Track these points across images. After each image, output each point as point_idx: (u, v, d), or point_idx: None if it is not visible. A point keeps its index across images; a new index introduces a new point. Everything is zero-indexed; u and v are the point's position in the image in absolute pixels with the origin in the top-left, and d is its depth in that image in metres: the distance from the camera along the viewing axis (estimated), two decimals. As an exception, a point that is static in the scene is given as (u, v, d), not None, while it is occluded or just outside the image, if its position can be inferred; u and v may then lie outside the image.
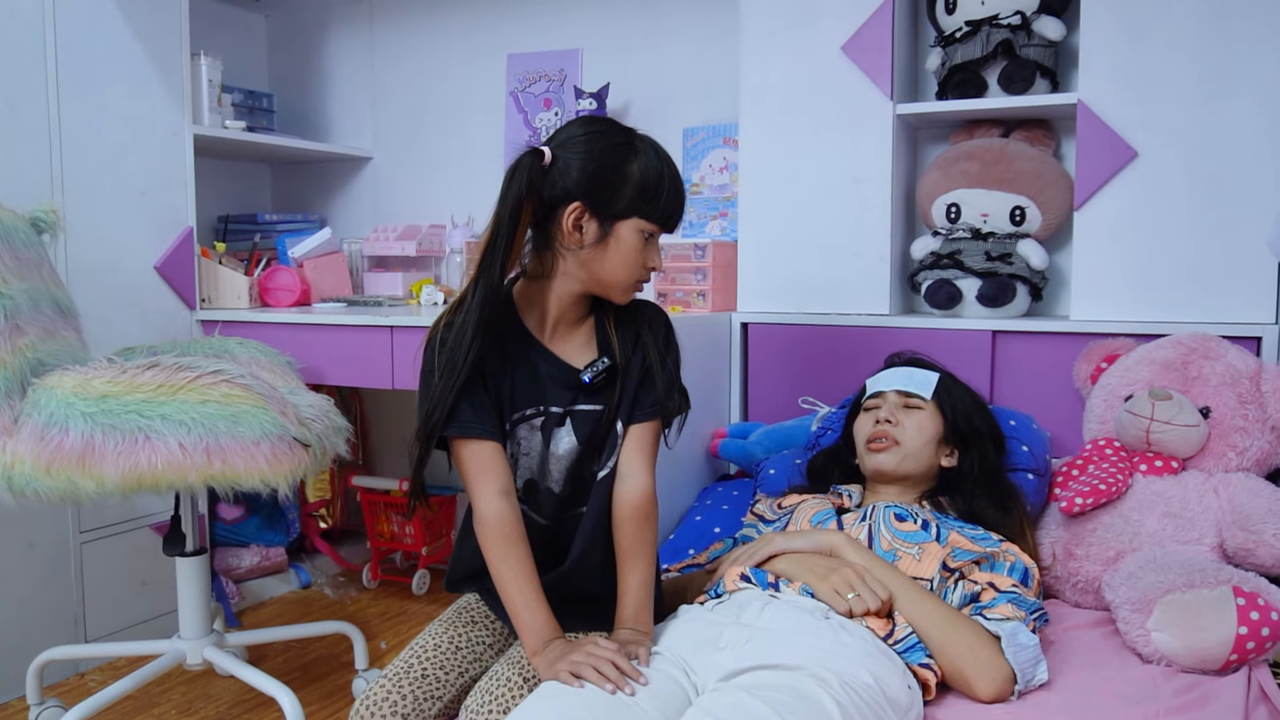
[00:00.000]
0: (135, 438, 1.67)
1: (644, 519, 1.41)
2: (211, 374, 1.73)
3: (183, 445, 1.68)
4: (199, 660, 2.06)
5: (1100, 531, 1.71)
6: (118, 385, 1.71)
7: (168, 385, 1.71)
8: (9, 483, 1.69)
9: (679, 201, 1.40)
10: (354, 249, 3.09)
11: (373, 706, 1.33)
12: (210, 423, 1.70)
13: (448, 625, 1.48)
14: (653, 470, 1.45)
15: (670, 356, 1.47)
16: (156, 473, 1.68)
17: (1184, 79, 1.97)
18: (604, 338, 1.45)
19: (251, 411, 1.73)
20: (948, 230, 2.26)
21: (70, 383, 1.71)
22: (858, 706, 1.18)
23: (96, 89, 2.41)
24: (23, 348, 1.73)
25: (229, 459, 1.71)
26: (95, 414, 1.68)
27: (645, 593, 1.38)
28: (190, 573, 2.06)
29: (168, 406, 1.70)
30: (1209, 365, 1.80)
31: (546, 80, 2.92)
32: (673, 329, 1.50)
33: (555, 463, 1.45)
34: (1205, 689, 1.38)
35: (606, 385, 1.43)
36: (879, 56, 2.24)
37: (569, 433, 1.44)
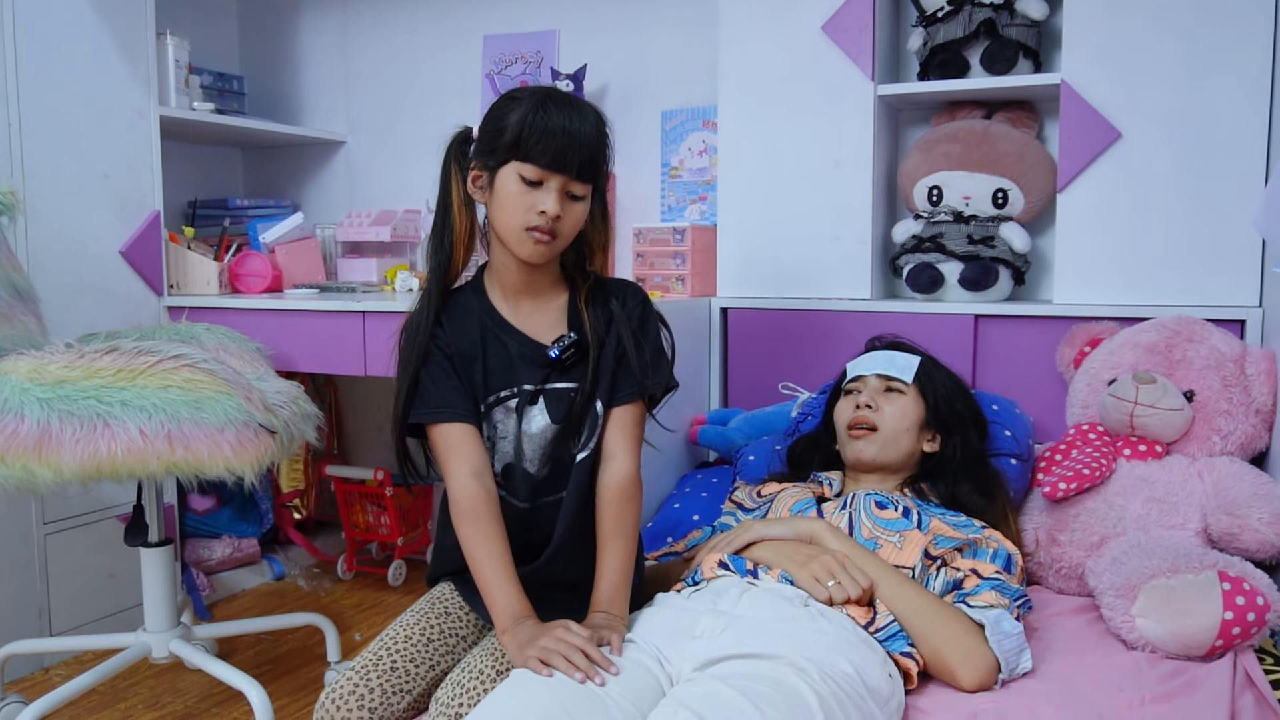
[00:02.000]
0: (94, 424, 1.61)
1: (625, 501, 1.39)
2: (173, 359, 1.68)
3: (143, 432, 1.62)
4: (165, 654, 2.00)
5: (1084, 517, 1.69)
6: (75, 370, 1.65)
7: (127, 370, 1.65)
8: None
9: (554, 138, 1.30)
10: (327, 234, 3.03)
11: (339, 700, 1.29)
12: (172, 409, 1.64)
13: (420, 616, 1.44)
14: (636, 453, 1.43)
15: (648, 337, 1.45)
16: (116, 460, 1.62)
17: (1168, 59, 1.95)
18: (574, 314, 1.43)
19: (215, 397, 1.67)
20: (929, 213, 2.23)
21: (25, 368, 1.65)
22: (837, 696, 1.15)
23: (57, 68, 2.34)
24: None
25: (192, 446, 1.65)
26: (51, 400, 1.62)
27: (622, 576, 1.36)
28: (155, 564, 2.00)
29: (127, 392, 1.64)
30: (1193, 349, 1.77)
31: (523, 62, 2.87)
32: (651, 307, 1.47)
33: (529, 442, 1.42)
34: (1191, 675, 1.36)
35: (580, 363, 1.40)
36: (860, 36, 2.20)
37: (541, 411, 1.41)
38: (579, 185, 1.35)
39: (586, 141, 1.33)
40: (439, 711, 1.24)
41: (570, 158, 1.32)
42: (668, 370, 1.46)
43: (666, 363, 1.46)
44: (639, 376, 1.42)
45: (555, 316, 1.44)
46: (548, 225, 1.33)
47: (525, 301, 1.44)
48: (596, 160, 1.36)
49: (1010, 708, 1.26)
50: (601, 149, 1.37)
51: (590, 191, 1.38)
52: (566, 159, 1.31)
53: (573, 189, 1.34)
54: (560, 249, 1.39)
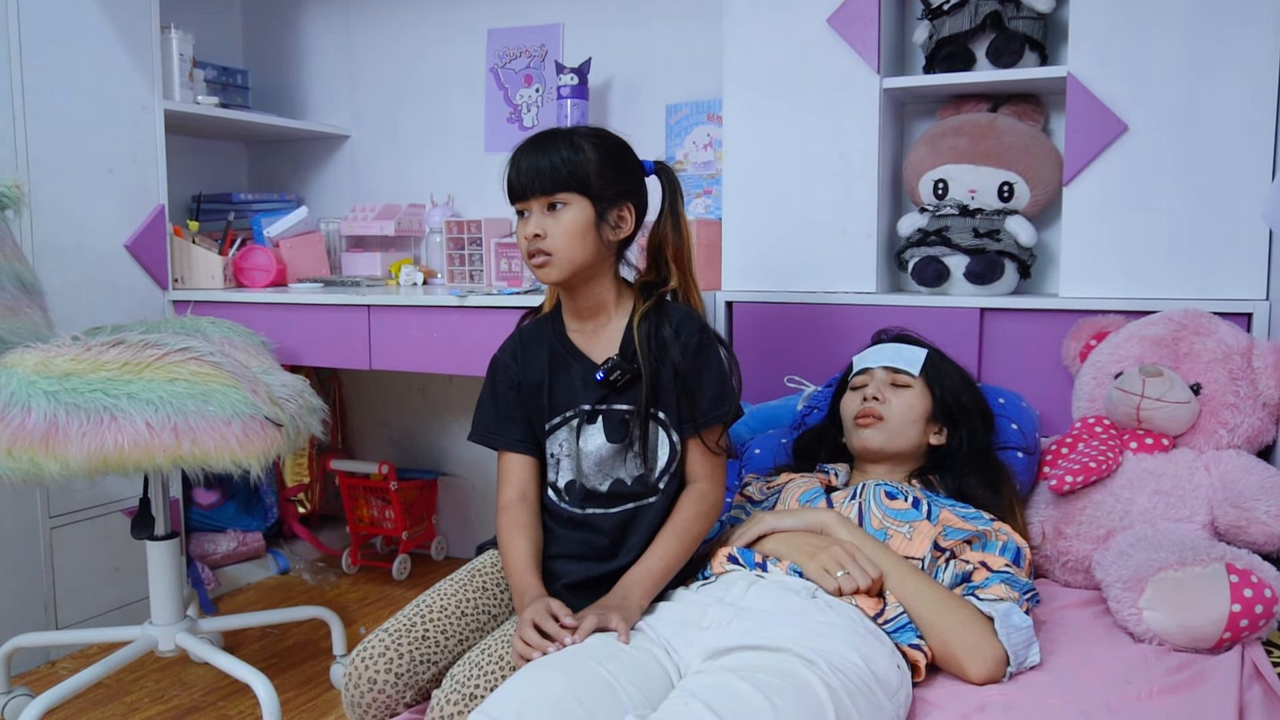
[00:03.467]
0: (100, 417, 1.62)
1: (698, 518, 1.43)
2: (179, 351, 1.69)
3: (150, 425, 1.63)
4: (171, 647, 2.01)
5: (1090, 510, 1.69)
6: (81, 363, 1.65)
7: (134, 363, 1.66)
8: None
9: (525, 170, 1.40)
10: (331, 228, 3.04)
11: (369, 660, 1.32)
12: (179, 401, 1.65)
13: (459, 587, 1.47)
14: (718, 479, 1.47)
15: (709, 368, 1.45)
16: (123, 453, 1.63)
17: (1175, 51, 1.94)
18: (628, 336, 1.45)
19: (222, 390, 1.68)
20: (935, 207, 2.22)
21: (31, 361, 1.65)
22: (846, 688, 1.15)
23: (62, 62, 2.34)
24: None
25: (198, 439, 1.66)
26: (58, 393, 1.62)
27: (660, 570, 1.38)
28: (161, 557, 2.01)
29: (134, 385, 1.64)
30: (1200, 341, 1.77)
31: (527, 56, 2.87)
32: (710, 335, 1.47)
33: (585, 459, 1.45)
34: (1198, 668, 1.35)
35: (634, 384, 1.43)
36: (865, 30, 2.19)
37: (599, 430, 1.44)
38: (559, 195, 1.39)
39: (560, 160, 1.39)
40: (453, 688, 1.24)
41: (540, 179, 1.39)
42: (732, 398, 1.47)
43: (730, 391, 1.47)
44: (702, 410, 1.43)
45: (613, 337, 1.47)
46: (534, 248, 1.40)
47: (588, 324, 1.49)
48: (572, 169, 1.39)
49: (1018, 699, 1.26)
50: (580, 158, 1.40)
51: (578, 198, 1.40)
52: (536, 181, 1.39)
53: (553, 200, 1.40)
54: (569, 264, 1.40)
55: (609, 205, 1.43)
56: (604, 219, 1.42)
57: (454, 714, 1.21)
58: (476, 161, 2.96)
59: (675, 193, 1.51)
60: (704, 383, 1.44)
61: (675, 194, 1.51)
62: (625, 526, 1.44)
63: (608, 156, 1.43)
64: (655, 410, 1.43)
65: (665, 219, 1.51)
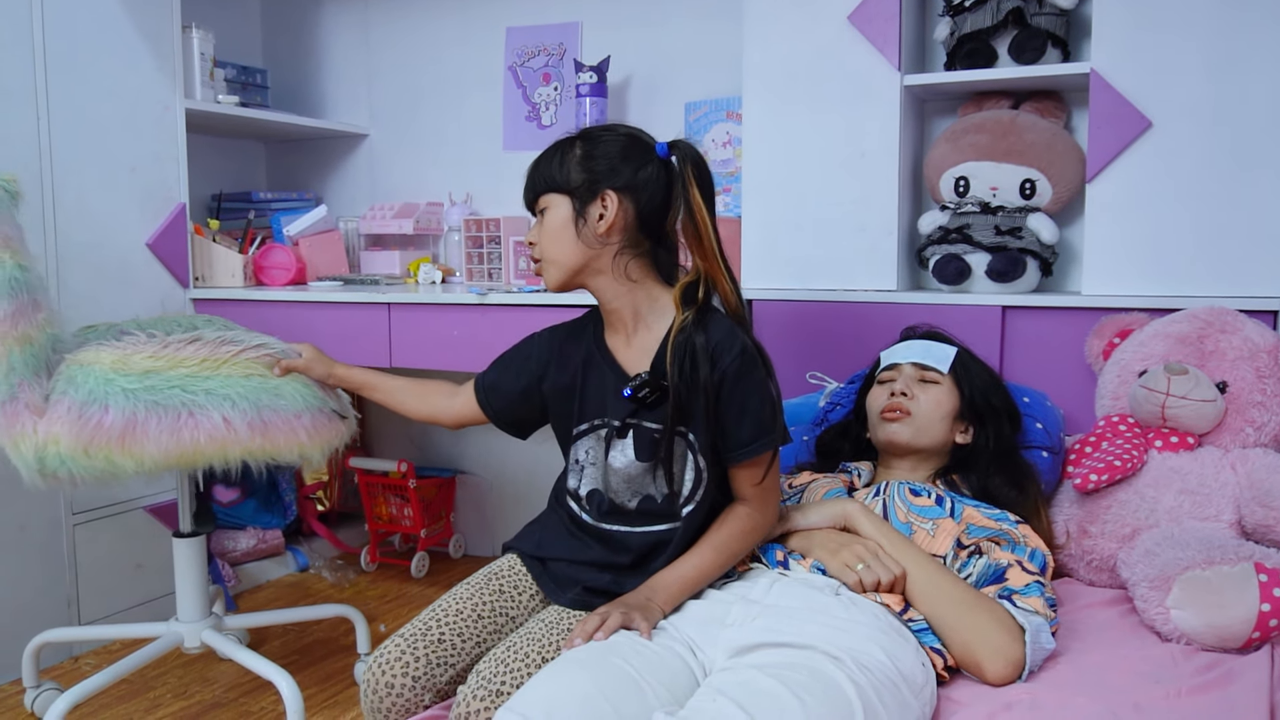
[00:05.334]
0: (179, 414, 1.64)
1: (739, 534, 1.40)
2: (255, 348, 1.71)
3: (227, 420, 1.65)
4: (197, 643, 2.01)
5: (1115, 509, 1.68)
6: (160, 360, 1.66)
7: (212, 359, 1.68)
8: (41, 464, 1.63)
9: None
10: (350, 227, 3.05)
11: (385, 665, 1.32)
12: (254, 396, 1.68)
13: (475, 590, 1.44)
14: (769, 501, 1.43)
15: (750, 396, 1.36)
16: (199, 448, 1.65)
17: (1199, 47, 1.92)
18: (662, 350, 1.38)
19: (293, 385, 1.72)
20: (956, 204, 2.21)
21: (109, 358, 1.65)
22: (873, 685, 1.15)
23: (85, 62, 2.36)
24: (43, 323, 1.66)
25: (270, 432, 1.69)
26: (138, 391, 1.63)
27: (693, 576, 1.36)
28: (187, 554, 2.01)
29: (212, 381, 1.66)
30: (1225, 339, 1.76)
31: (546, 54, 2.87)
32: (750, 360, 1.37)
33: (614, 476, 1.43)
34: (1227, 667, 1.34)
35: (663, 402, 1.37)
36: (886, 26, 2.19)
37: (629, 446, 1.41)
38: (541, 201, 1.41)
39: (540, 163, 1.42)
40: (479, 684, 1.24)
41: (527, 189, 1.44)
42: (777, 426, 1.40)
43: (774, 417, 1.39)
44: (744, 439, 1.37)
45: (649, 349, 1.40)
46: (532, 254, 1.44)
47: (622, 331, 1.44)
48: (548, 173, 1.40)
49: (1045, 698, 1.25)
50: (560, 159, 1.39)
51: (557, 198, 1.39)
52: (526, 192, 1.44)
53: (539, 206, 1.42)
54: (558, 270, 1.41)
55: (588, 197, 1.37)
56: (583, 212, 1.37)
57: (480, 710, 1.21)
58: (495, 160, 2.96)
59: (688, 172, 1.38)
60: (746, 410, 1.36)
61: (688, 174, 1.38)
62: (647, 551, 1.42)
63: (589, 147, 1.39)
64: (684, 431, 1.38)
65: (678, 205, 1.39)
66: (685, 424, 1.37)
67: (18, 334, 1.61)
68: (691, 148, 1.41)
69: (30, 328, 1.63)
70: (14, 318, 1.60)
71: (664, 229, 1.41)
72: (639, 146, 1.40)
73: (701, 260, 1.40)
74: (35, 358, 1.64)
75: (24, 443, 1.62)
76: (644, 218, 1.39)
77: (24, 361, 1.62)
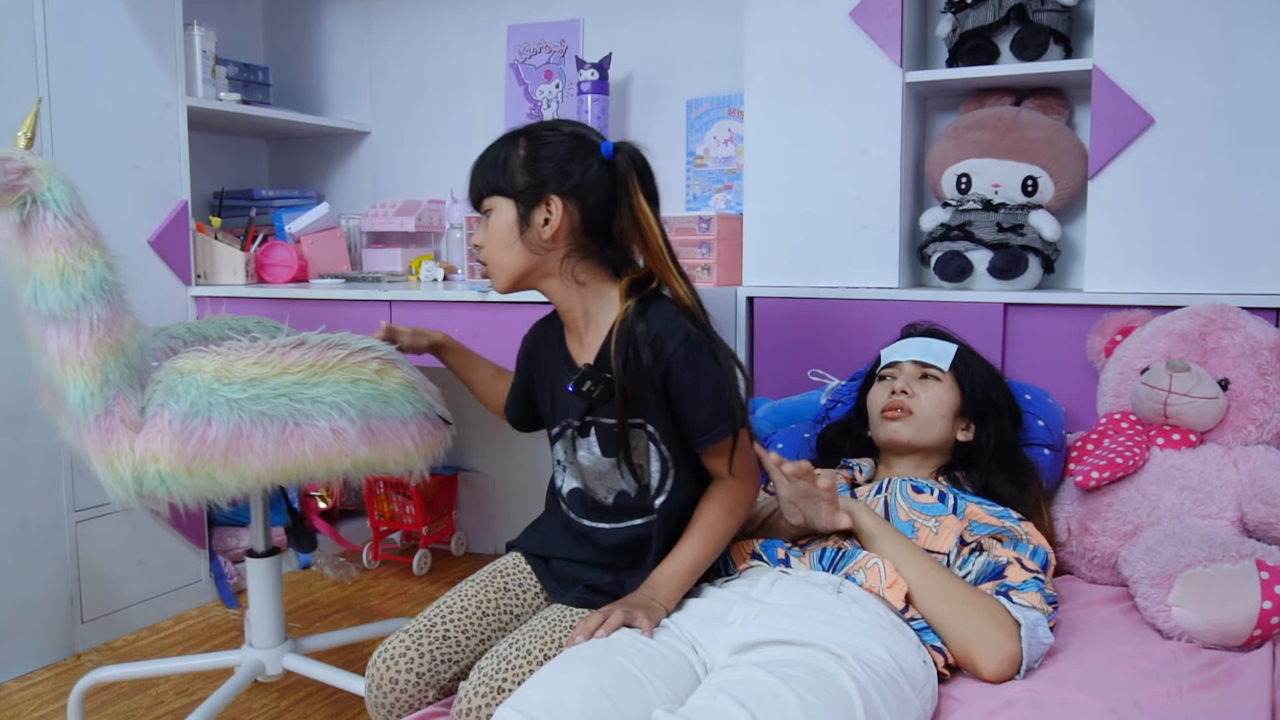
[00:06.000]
0: (285, 424, 1.48)
1: (724, 513, 1.39)
2: (362, 350, 1.56)
3: (335, 430, 1.49)
4: (279, 670, 1.88)
5: (1117, 506, 1.67)
6: (265, 367, 1.50)
7: (319, 365, 1.51)
8: (139, 484, 1.48)
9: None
10: (352, 225, 3.05)
11: (389, 660, 1.32)
12: (362, 404, 1.53)
13: (479, 587, 1.45)
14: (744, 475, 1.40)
15: (701, 384, 1.33)
16: (305, 461, 1.50)
17: (1203, 43, 1.92)
18: (606, 344, 1.36)
19: (401, 390, 1.58)
20: (958, 201, 2.21)
21: (212, 367, 1.49)
22: (874, 682, 1.15)
23: (86, 59, 2.36)
24: (132, 329, 1.51)
25: (378, 442, 1.54)
26: (242, 401, 1.47)
27: (688, 568, 1.36)
28: (262, 575, 1.86)
29: (320, 388, 1.50)
30: (1228, 336, 1.75)
31: (547, 52, 2.87)
32: (696, 350, 1.33)
33: (587, 474, 1.44)
34: (1229, 665, 1.34)
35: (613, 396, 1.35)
36: (888, 23, 2.18)
37: (593, 443, 1.41)
38: (485, 203, 1.39)
39: (483, 163, 1.39)
40: (481, 680, 1.24)
41: (470, 189, 1.41)
42: (735, 409, 1.35)
43: (730, 401, 1.35)
44: (703, 426, 1.35)
45: (597, 347, 1.39)
46: (478, 257, 1.41)
47: (576, 331, 1.43)
48: (491, 172, 1.37)
49: (1046, 696, 1.25)
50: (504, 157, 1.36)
51: (500, 201, 1.36)
52: (469, 191, 1.41)
53: (483, 208, 1.39)
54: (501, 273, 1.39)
55: (532, 200, 1.34)
56: (528, 216, 1.35)
57: (481, 705, 1.21)
58: (496, 157, 2.96)
59: (631, 177, 1.36)
60: (698, 398, 1.33)
61: (630, 178, 1.36)
62: (632, 547, 1.42)
63: (533, 149, 1.35)
64: (640, 423, 1.37)
65: (621, 208, 1.37)
66: (640, 415, 1.36)
67: (112, 341, 1.46)
68: (636, 150, 1.38)
69: (123, 334, 1.48)
70: (109, 323, 1.45)
71: (610, 230, 1.39)
72: (584, 147, 1.37)
73: (651, 262, 1.38)
74: (129, 367, 1.49)
75: (120, 461, 1.46)
76: (589, 221, 1.37)
77: (119, 372, 1.47)
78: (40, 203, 1.45)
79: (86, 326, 1.43)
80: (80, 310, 1.43)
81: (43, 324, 1.45)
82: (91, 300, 1.44)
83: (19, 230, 1.45)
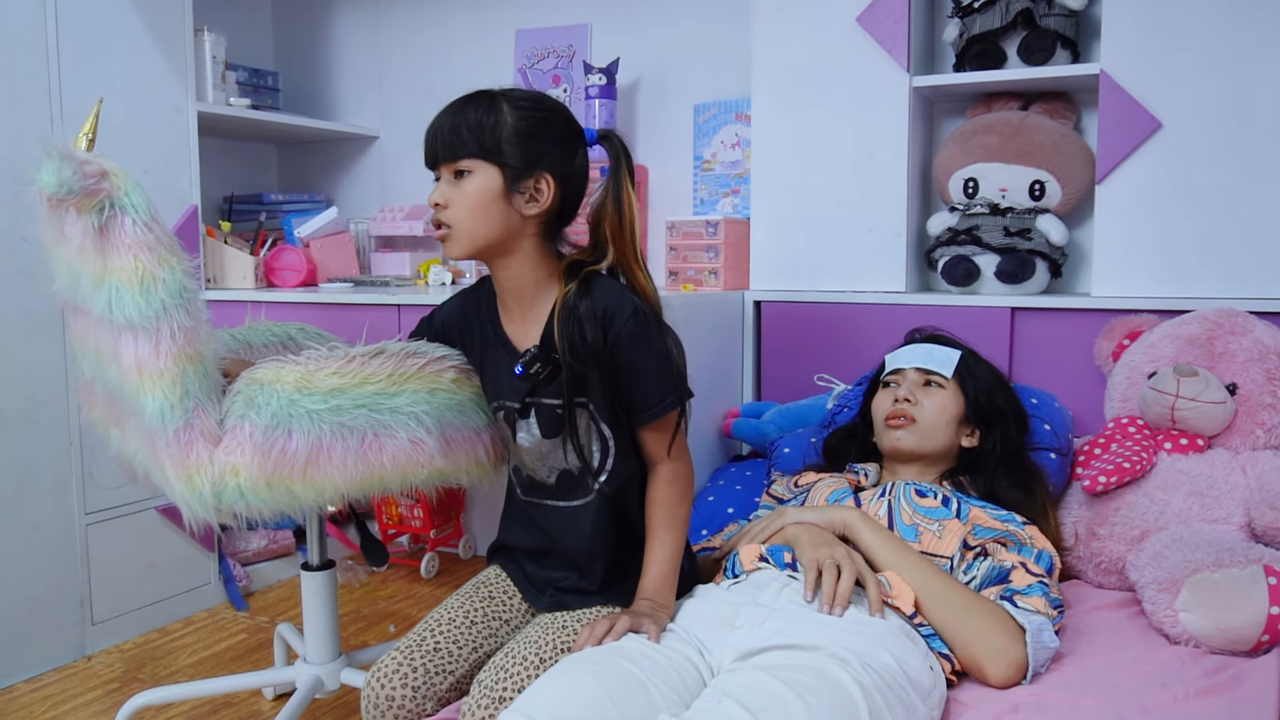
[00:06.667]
0: (364, 435, 1.43)
1: (677, 500, 1.39)
2: (438, 359, 1.50)
3: (413, 440, 1.45)
4: (336, 686, 1.83)
5: (1124, 511, 1.67)
6: (346, 377, 1.43)
7: (399, 374, 1.45)
8: (219, 499, 1.42)
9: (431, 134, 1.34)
10: (360, 229, 3.06)
11: (383, 678, 1.32)
12: (439, 413, 1.47)
13: (464, 599, 1.45)
14: (681, 454, 1.40)
15: (646, 359, 1.33)
16: (384, 473, 1.45)
17: (1210, 47, 1.92)
18: (549, 323, 1.36)
19: (475, 399, 1.52)
20: (965, 205, 2.21)
21: (292, 377, 1.43)
22: (879, 687, 1.14)
23: (98, 65, 2.37)
24: (208, 337, 1.46)
25: (453, 452, 1.49)
26: (323, 412, 1.41)
27: (669, 568, 1.36)
28: (316, 589, 1.80)
29: (399, 399, 1.45)
30: (1236, 341, 1.75)
31: (555, 56, 2.88)
32: (643, 325, 1.34)
33: (527, 454, 1.43)
34: (1236, 670, 1.34)
35: (557, 376, 1.35)
36: (895, 28, 2.19)
37: (533, 424, 1.40)
38: (460, 163, 1.31)
39: (457, 123, 1.30)
40: (482, 693, 1.25)
41: (438, 143, 1.31)
42: (677, 385, 1.36)
43: (674, 377, 1.36)
44: (647, 402, 1.35)
45: (539, 326, 1.38)
46: (435, 217, 1.33)
47: (515, 308, 1.41)
48: (481, 133, 1.29)
49: (1053, 701, 1.25)
50: (492, 122, 1.30)
51: (485, 165, 1.30)
52: (436, 145, 1.32)
53: (457, 168, 1.31)
54: (470, 240, 1.33)
55: (522, 174, 1.31)
56: (515, 189, 1.31)
57: (485, 718, 1.22)
58: (504, 162, 2.97)
59: (620, 163, 1.37)
60: (646, 372, 1.33)
61: (620, 165, 1.37)
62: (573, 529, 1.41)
63: (526, 121, 1.32)
64: (584, 401, 1.36)
65: (607, 191, 1.37)
66: (583, 394, 1.36)
67: (191, 351, 1.40)
68: (621, 139, 1.39)
69: (202, 344, 1.42)
70: (189, 332, 1.39)
71: (573, 217, 1.40)
72: (575, 132, 1.37)
73: (618, 250, 1.38)
74: (207, 378, 1.43)
75: (199, 475, 1.41)
76: (565, 204, 1.37)
77: (198, 383, 1.41)
78: (119, 207, 1.40)
79: (167, 335, 1.38)
80: (160, 319, 1.37)
81: (117, 333, 1.39)
82: (172, 308, 1.38)
83: (96, 236, 1.39)
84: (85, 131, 1.49)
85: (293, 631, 2.05)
